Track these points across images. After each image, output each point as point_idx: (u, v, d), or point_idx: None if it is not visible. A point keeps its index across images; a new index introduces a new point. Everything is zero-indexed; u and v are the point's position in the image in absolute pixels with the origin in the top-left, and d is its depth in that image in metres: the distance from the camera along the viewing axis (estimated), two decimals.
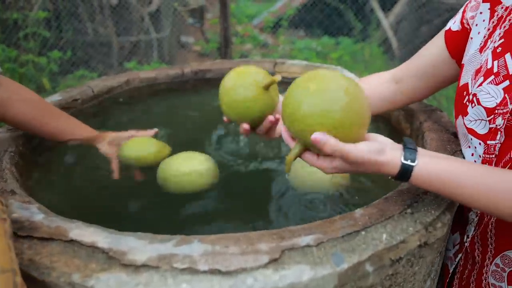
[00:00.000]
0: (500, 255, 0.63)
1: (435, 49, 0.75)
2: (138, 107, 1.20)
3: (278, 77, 0.66)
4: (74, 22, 3.38)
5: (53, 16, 3.24)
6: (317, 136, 0.51)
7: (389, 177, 0.55)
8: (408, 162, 0.53)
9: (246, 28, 6.63)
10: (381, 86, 0.80)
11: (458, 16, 0.72)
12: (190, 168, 0.76)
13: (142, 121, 1.16)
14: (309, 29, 6.55)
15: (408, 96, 0.79)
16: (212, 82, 1.34)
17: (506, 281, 0.63)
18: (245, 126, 0.68)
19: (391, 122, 1.01)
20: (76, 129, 0.85)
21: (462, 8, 0.72)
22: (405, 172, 0.53)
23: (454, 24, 0.72)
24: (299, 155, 0.56)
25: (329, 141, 0.51)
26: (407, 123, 0.93)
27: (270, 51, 6.11)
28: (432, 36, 0.78)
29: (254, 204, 0.77)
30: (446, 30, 0.73)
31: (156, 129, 0.93)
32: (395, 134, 0.97)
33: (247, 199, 0.80)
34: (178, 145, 0.89)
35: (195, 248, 0.45)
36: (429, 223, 0.51)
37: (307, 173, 0.77)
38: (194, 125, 1.18)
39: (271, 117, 0.68)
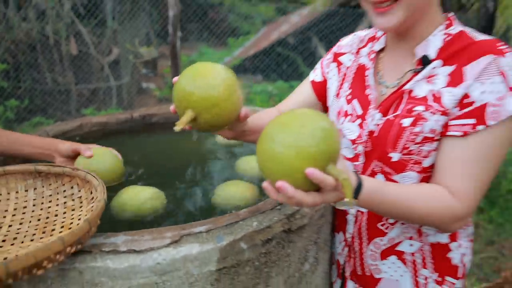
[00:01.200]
0: (372, 242, 0.85)
1: (306, 91, 0.98)
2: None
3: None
4: (33, 72, 3.52)
5: (12, 68, 3.37)
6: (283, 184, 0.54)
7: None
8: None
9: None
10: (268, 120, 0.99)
11: (319, 69, 0.97)
12: (143, 197, 0.91)
13: None
14: (265, 74, 7.02)
15: None
16: (158, 126, 1.54)
17: (379, 259, 0.85)
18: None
19: None
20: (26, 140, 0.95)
21: (319, 63, 0.98)
22: (358, 189, 0.63)
23: (316, 76, 0.97)
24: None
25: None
26: None
27: None
28: None
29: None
30: (311, 81, 0.98)
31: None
32: None
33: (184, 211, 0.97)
34: (129, 181, 1.06)
35: (119, 238, 0.63)
36: (291, 215, 0.72)
37: (226, 193, 0.98)
38: (143, 161, 1.34)
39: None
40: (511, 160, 3.05)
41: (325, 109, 0.98)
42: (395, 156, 0.76)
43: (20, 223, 0.69)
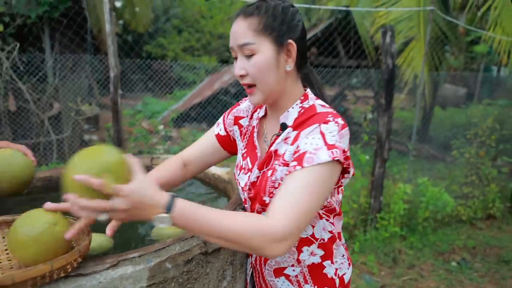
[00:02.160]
0: (267, 263, 1.07)
1: (211, 141, 1.16)
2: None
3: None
4: None
5: None
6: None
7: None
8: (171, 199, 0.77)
9: (152, 124, 7.11)
10: (172, 173, 1.11)
11: (221, 125, 1.16)
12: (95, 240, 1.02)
13: None
14: (210, 123, 7.30)
15: (193, 173, 1.17)
16: None
17: (273, 276, 1.07)
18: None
19: (226, 192, 1.48)
20: None
21: (222, 120, 1.17)
22: (170, 204, 0.75)
23: (220, 131, 1.16)
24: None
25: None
26: (233, 192, 1.40)
27: (174, 143, 6.59)
28: None
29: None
30: (216, 134, 1.16)
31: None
32: (228, 199, 1.44)
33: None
34: None
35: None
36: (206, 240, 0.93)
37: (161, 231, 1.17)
38: None
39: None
40: (422, 190, 3.51)
41: (232, 155, 1.19)
42: (266, 199, 0.96)
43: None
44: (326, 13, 5.36)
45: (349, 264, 1.11)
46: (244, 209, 1.14)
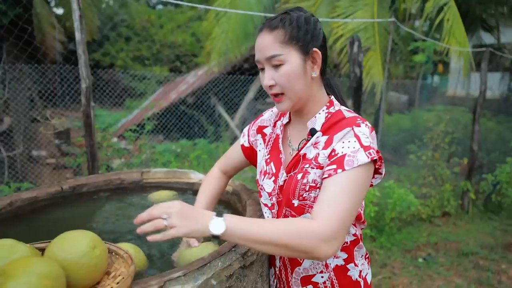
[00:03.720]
0: (294, 271, 1.08)
1: (237, 151, 1.25)
2: (24, 222, 1.36)
3: None
4: None
5: None
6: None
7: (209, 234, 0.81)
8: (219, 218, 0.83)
9: (104, 137, 6.78)
10: (218, 184, 1.27)
11: (246, 137, 1.23)
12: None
13: (29, 235, 1.32)
14: (168, 134, 7.11)
15: (232, 175, 1.32)
16: (89, 195, 1.60)
17: (300, 285, 1.08)
18: None
19: (230, 204, 1.47)
20: None
21: (247, 131, 1.23)
22: (218, 224, 0.81)
23: (245, 142, 1.23)
24: None
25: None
26: (239, 203, 1.39)
27: (133, 158, 6.34)
28: None
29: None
30: (241, 145, 1.24)
31: None
32: (233, 210, 1.42)
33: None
34: None
35: None
36: (244, 253, 0.92)
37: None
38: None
39: None
40: (389, 193, 3.69)
41: (252, 165, 1.25)
42: (295, 203, 0.99)
43: None
44: None
45: (368, 263, 1.15)
46: (263, 217, 1.14)
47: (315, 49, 0.97)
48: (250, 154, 1.23)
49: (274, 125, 1.17)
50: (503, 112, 8.61)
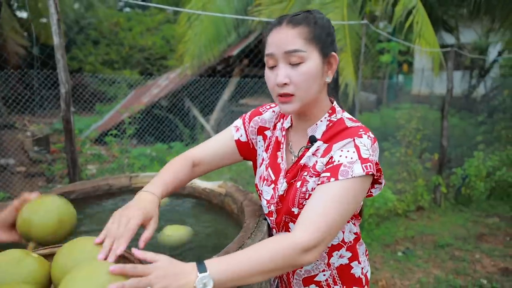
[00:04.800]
0: (295, 273, 1.10)
1: (227, 143, 1.14)
2: None
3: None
4: None
5: None
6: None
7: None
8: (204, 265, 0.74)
9: (84, 142, 6.57)
10: (182, 174, 1.08)
11: (242, 131, 1.14)
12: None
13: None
14: (141, 138, 6.98)
15: (201, 173, 1.15)
16: (77, 202, 1.55)
17: (302, 286, 1.09)
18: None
19: (224, 206, 1.47)
20: None
21: (241, 125, 1.15)
22: (204, 280, 0.71)
23: (241, 137, 1.14)
24: None
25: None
26: (234, 204, 1.40)
27: (108, 162, 6.18)
28: None
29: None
30: (236, 140, 1.14)
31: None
32: (229, 213, 1.43)
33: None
34: None
35: None
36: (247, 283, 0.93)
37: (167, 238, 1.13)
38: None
39: None
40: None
41: (250, 160, 1.19)
42: (295, 211, 0.98)
43: None
44: (260, 24, 5.55)
45: (367, 260, 1.17)
46: (265, 219, 1.15)
47: (333, 53, 0.94)
48: (247, 150, 1.16)
49: (274, 127, 1.13)
50: (465, 108, 9.05)
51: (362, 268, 1.12)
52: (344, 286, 1.09)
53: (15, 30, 8.56)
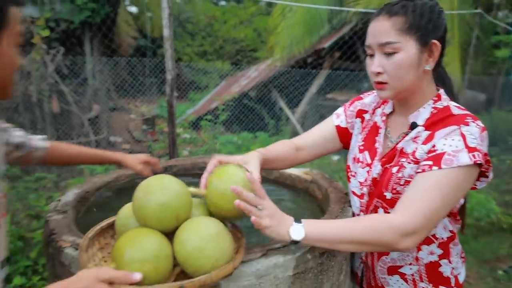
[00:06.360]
0: (380, 259, 1.10)
1: (328, 130, 1.20)
2: (127, 195, 1.55)
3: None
4: None
5: None
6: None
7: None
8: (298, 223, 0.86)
9: (183, 125, 7.18)
10: (285, 151, 1.18)
11: (343, 117, 1.19)
12: None
13: None
14: (229, 126, 7.35)
15: (304, 159, 1.22)
16: (178, 176, 1.76)
17: (386, 273, 1.10)
18: None
19: (309, 191, 1.54)
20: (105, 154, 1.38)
21: (343, 111, 1.19)
22: (298, 230, 0.84)
23: (341, 122, 1.19)
24: None
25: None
26: (319, 191, 1.46)
27: (198, 146, 6.66)
28: None
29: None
30: (336, 125, 1.19)
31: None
32: (313, 198, 1.49)
33: None
34: None
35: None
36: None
37: None
38: None
39: None
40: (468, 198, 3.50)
41: (346, 148, 1.22)
42: (388, 195, 0.99)
43: None
44: (356, 15, 5.39)
45: (463, 262, 1.12)
46: (350, 206, 1.18)
47: (434, 41, 0.92)
48: (344, 135, 1.19)
49: (373, 112, 1.14)
50: None
51: (453, 269, 1.07)
52: (431, 285, 1.06)
53: (128, 23, 9.61)
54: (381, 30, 0.93)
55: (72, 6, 3.50)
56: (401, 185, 0.97)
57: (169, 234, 0.82)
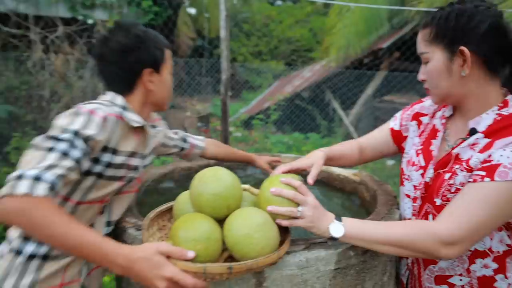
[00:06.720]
0: (427, 268, 1.07)
1: (384, 134, 1.24)
2: (182, 186, 1.66)
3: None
4: None
5: None
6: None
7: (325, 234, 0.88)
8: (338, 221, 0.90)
9: (235, 123, 7.37)
10: (350, 150, 1.27)
11: (398, 120, 1.21)
12: None
13: None
14: (280, 126, 7.39)
15: (367, 159, 1.29)
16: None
17: (434, 283, 1.07)
18: None
19: (357, 193, 1.54)
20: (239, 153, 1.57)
21: (400, 115, 1.22)
22: (337, 228, 0.88)
23: (395, 125, 1.21)
24: None
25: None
26: (367, 192, 1.46)
27: (248, 145, 6.79)
28: None
29: None
30: (390, 128, 1.22)
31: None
32: (361, 200, 1.49)
33: None
34: None
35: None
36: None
37: None
38: None
39: None
40: None
41: (400, 151, 1.23)
42: (437, 201, 0.96)
43: None
44: (418, 14, 5.16)
45: None
46: (398, 208, 1.18)
47: (462, 47, 0.90)
48: (398, 137, 1.21)
49: (433, 116, 1.13)
50: None
51: (509, 285, 1.01)
52: None
53: (187, 24, 10.03)
54: (418, 41, 0.99)
55: (138, 10, 3.75)
56: (451, 192, 0.94)
57: (221, 221, 0.90)
